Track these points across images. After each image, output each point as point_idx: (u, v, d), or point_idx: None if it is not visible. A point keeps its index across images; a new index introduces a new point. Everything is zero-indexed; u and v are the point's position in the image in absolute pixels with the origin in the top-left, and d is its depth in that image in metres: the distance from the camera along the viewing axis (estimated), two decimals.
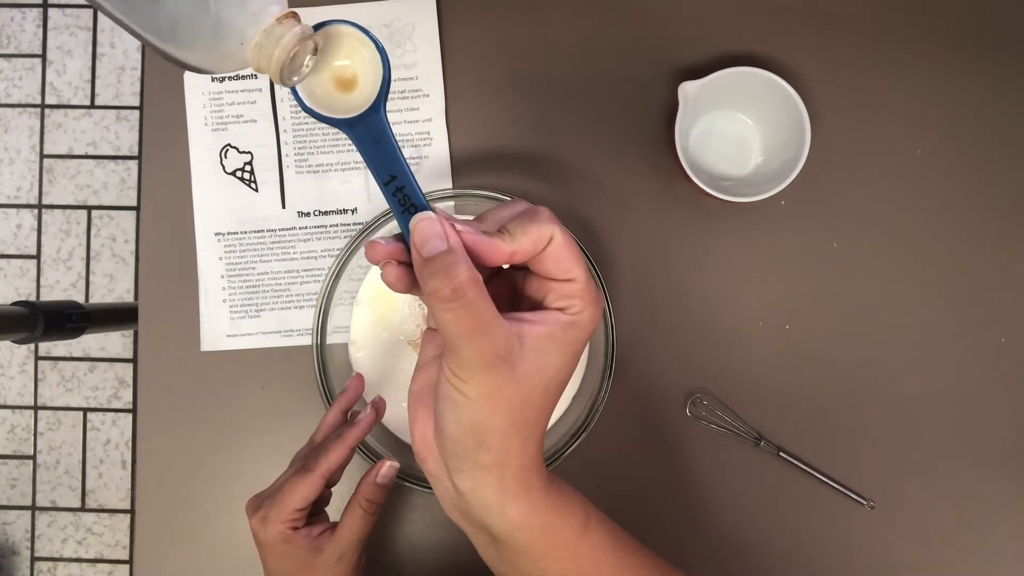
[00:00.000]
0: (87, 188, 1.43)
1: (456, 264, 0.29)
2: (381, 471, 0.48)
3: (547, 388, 0.31)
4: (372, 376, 0.61)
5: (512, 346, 0.30)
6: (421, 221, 0.30)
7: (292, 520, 0.47)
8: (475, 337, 0.29)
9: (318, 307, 0.57)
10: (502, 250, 0.30)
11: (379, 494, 0.48)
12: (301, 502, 0.47)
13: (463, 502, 0.32)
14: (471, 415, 0.30)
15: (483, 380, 0.29)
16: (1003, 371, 0.63)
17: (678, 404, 0.63)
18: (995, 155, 0.64)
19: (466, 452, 0.31)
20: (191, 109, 0.65)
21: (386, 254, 0.31)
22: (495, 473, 0.31)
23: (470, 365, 0.29)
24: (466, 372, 0.29)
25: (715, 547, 0.62)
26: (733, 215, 0.63)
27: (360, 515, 0.47)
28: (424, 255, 0.29)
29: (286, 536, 0.47)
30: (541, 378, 0.30)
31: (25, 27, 1.43)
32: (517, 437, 0.31)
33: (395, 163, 0.31)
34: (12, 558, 1.42)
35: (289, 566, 0.48)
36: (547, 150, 0.64)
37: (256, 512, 0.48)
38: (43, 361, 1.43)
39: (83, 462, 1.42)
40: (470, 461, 0.31)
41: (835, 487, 0.62)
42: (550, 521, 0.33)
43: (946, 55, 0.64)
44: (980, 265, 0.63)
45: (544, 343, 0.30)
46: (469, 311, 0.28)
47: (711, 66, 0.59)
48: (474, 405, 0.30)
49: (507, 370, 0.29)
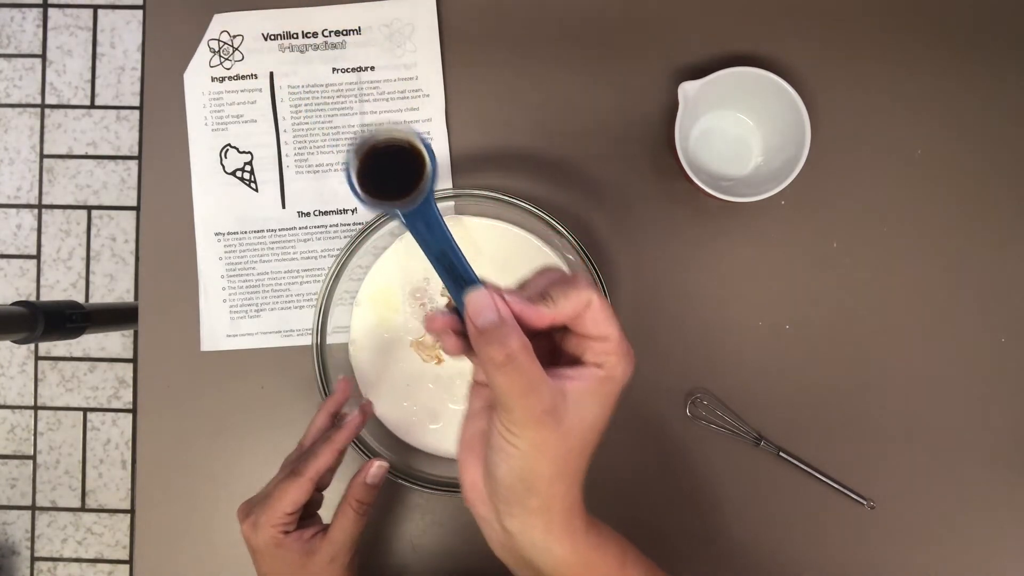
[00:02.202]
0: (87, 188, 1.43)
1: (508, 334, 0.32)
2: (370, 471, 0.49)
3: (588, 437, 0.34)
4: (372, 376, 0.61)
5: (557, 402, 0.33)
6: (474, 295, 0.33)
7: (283, 524, 0.47)
8: (525, 396, 0.32)
9: (318, 307, 0.58)
10: (546, 316, 0.34)
11: (369, 494, 0.49)
12: (291, 506, 0.47)
13: (512, 542, 0.35)
14: (521, 464, 0.33)
15: (532, 434, 0.33)
16: (1003, 371, 0.63)
17: (678, 404, 0.63)
18: (995, 155, 0.64)
19: (516, 497, 0.34)
20: (191, 109, 0.65)
21: (443, 325, 0.35)
22: (542, 516, 0.34)
23: (521, 421, 0.32)
24: (517, 427, 0.32)
25: (715, 547, 0.62)
26: (733, 215, 0.63)
27: (351, 516, 0.48)
28: (479, 326, 0.33)
29: (277, 540, 0.47)
30: (582, 428, 0.34)
31: (25, 27, 1.43)
32: (562, 483, 0.34)
33: (445, 242, 0.35)
34: (12, 558, 1.42)
35: (282, 570, 0.48)
36: (547, 150, 0.64)
37: (247, 518, 0.48)
38: (43, 361, 1.43)
39: (83, 462, 1.42)
40: (520, 505, 0.34)
41: (835, 487, 0.62)
42: (591, 559, 0.36)
43: (946, 55, 0.64)
44: (980, 265, 0.63)
45: (584, 397, 0.34)
46: (520, 373, 0.32)
47: (711, 66, 0.59)
48: (524, 455, 0.33)
49: (553, 424, 0.33)
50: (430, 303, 0.61)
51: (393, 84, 0.65)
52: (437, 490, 0.56)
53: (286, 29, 0.65)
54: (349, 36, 0.65)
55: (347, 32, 0.65)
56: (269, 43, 0.65)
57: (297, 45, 0.65)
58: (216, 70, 0.65)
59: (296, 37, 0.65)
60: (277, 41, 0.65)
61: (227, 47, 0.65)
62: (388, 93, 0.65)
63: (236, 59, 0.65)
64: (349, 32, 0.65)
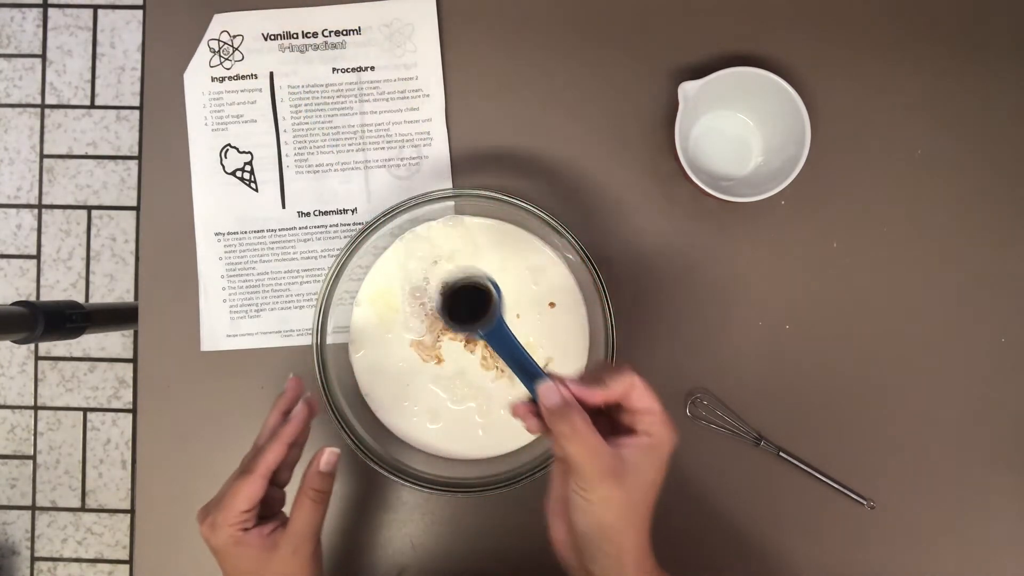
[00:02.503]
0: (87, 188, 1.43)
1: (571, 412, 0.42)
2: (323, 459, 0.50)
3: (647, 492, 0.43)
4: (372, 376, 0.61)
5: (616, 463, 0.41)
6: (543, 386, 0.43)
7: (239, 523, 0.47)
8: (591, 460, 0.41)
9: (318, 307, 0.57)
10: (599, 395, 0.43)
11: (325, 482, 0.49)
12: (246, 503, 0.47)
13: None
14: (595, 517, 0.41)
15: (600, 489, 0.41)
16: (1003, 371, 0.63)
17: (678, 404, 0.63)
18: (995, 155, 0.64)
19: (595, 544, 0.42)
20: (191, 109, 0.65)
21: (525, 411, 0.44)
22: (617, 560, 0.42)
23: (589, 479, 0.41)
24: (588, 485, 0.41)
25: (715, 547, 0.62)
26: (733, 215, 0.63)
27: (309, 505, 0.48)
28: (548, 408, 0.42)
29: (236, 538, 0.47)
30: (641, 485, 0.42)
31: (25, 27, 1.43)
32: (631, 531, 0.42)
33: (517, 352, 0.45)
34: (12, 558, 1.42)
35: (244, 567, 0.48)
36: (547, 150, 0.64)
37: (204, 519, 0.48)
38: (43, 361, 1.43)
39: (83, 462, 1.42)
40: (598, 551, 0.42)
41: (835, 487, 0.62)
42: None
43: (946, 55, 0.64)
44: (980, 265, 0.63)
45: (640, 460, 0.42)
46: (584, 442, 0.41)
47: (711, 66, 0.59)
48: (596, 508, 0.41)
49: (615, 481, 0.41)
50: (430, 302, 0.61)
51: (393, 84, 0.65)
52: (437, 490, 0.56)
53: (286, 29, 0.65)
54: (349, 36, 0.65)
55: (347, 32, 0.65)
56: (269, 43, 0.65)
57: (297, 45, 0.65)
58: (216, 70, 0.65)
59: (296, 37, 0.65)
60: (277, 41, 0.65)
61: (227, 47, 0.65)
62: (388, 93, 0.65)
63: (236, 59, 0.65)
64: (349, 32, 0.65)
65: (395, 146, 0.65)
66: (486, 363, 0.60)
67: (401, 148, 0.65)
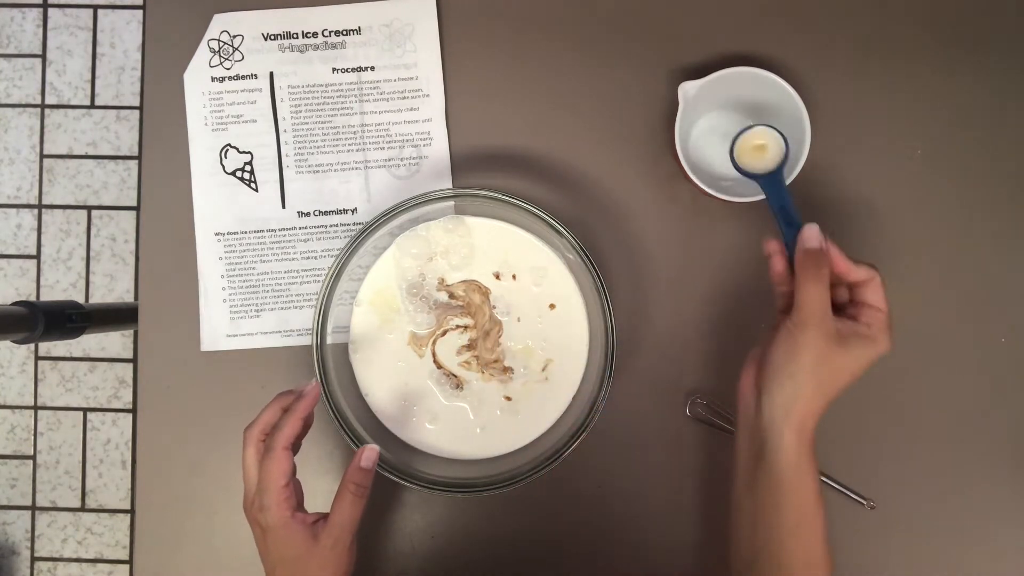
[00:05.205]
0: (87, 188, 1.43)
1: (822, 258, 0.47)
2: (364, 455, 0.51)
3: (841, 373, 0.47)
4: (371, 376, 0.61)
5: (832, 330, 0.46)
6: (810, 227, 0.48)
7: (285, 497, 0.49)
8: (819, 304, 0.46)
9: (318, 307, 0.58)
10: (845, 265, 0.48)
11: (365, 477, 0.51)
12: (282, 478, 0.50)
13: (757, 419, 0.48)
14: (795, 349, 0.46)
15: (810, 331, 0.46)
16: (1003, 371, 0.63)
17: (678, 404, 0.63)
18: (995, 155, 0.64)
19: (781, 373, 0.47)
20: (191, 109, 0.65)
21: (776, 248, 0.50)
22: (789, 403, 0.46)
23: (807, 319, 0.46)
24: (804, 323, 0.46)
25: (715, 547, 0.62)
26: (733, 215, 0.63)
27: (349, 499, 0.50)
28: (807, 248, 0.47)
29: (285, 520, 0.49)
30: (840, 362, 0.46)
31: (25, 27, 1.43)
32: (812, 382, 0.46)
33: (785, 200, 0.51)
34: (12, 558, 1.42)
35: (288, 554, 0.49)
36: (547, 150, 0.64)
37: (253, 504, 0.50)
38: (43, 361, 1.43)
39: (83, 462, 1.42)
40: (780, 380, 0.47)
41: (835, 487, 0.62)
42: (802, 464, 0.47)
43: (946, 56, 0.64)
44: (980, 265, 0.63)
45: (851, 344, 0.47)
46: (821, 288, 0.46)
47: (711, 66, 0.59)
48: (799, 345, 0.46)
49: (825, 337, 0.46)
50: (429, 299, 0.61)
51: (393, 84, 0.65)
52: (436, 489, 0.57)
53: (286, 29, 0.65)
54: (349, 36, 0.65)
55: (347, 32, 0.65)
56: (269, 43, 0.65)
57: (297, 45, 0.65)
58: (216, 70, 0.65)
59: (296, 37, 0.65)
60: (277, 41, 0.65)
61: (227, 47, 0.65)
62: (388, 93, 0.65)
63: (236, 59, 0.65)
64: (349, 32, 0.65)
65: (395, 146, 0.65)
66: (469, 366, 0.61)
67: (401, 148, 0.65)
